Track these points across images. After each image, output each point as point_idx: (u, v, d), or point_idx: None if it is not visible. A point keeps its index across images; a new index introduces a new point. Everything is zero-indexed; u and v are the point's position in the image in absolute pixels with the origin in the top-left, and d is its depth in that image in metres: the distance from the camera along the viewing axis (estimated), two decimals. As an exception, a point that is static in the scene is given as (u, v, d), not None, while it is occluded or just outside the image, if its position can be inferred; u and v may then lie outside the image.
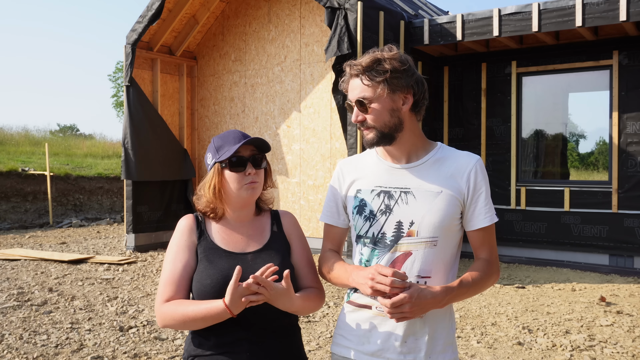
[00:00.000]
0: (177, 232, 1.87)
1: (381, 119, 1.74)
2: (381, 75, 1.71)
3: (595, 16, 6.83)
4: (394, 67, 1.71)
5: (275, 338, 1.80)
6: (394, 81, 1.72)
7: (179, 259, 1.81)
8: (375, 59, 1.72)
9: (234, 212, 1.87)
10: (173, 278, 1.79)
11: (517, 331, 4.93)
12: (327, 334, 4.83)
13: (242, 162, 1.80)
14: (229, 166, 1.80)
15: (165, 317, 1.75)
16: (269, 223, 1.94)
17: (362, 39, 7.19)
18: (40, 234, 11.49)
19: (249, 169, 1.80)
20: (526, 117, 8.76)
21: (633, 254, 7.62)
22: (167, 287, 1.78)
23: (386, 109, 1.73)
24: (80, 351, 4.35)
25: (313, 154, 8.72)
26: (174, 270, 1.80)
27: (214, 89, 10.03)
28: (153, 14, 8.80)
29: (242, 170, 1.80)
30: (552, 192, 8.25)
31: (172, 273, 1.80)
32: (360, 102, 1.74)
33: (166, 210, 9.53)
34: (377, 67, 1.71)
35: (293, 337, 1.89)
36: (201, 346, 1.79)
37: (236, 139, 1.81)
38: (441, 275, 1.76)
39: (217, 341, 1.77)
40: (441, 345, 1.77)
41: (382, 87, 1.71)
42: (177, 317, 1.73)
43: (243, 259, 1.82)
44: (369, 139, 1.77)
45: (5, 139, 19.21)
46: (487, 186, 1.80)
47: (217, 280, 1.74)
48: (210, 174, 1.84)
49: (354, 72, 1.75)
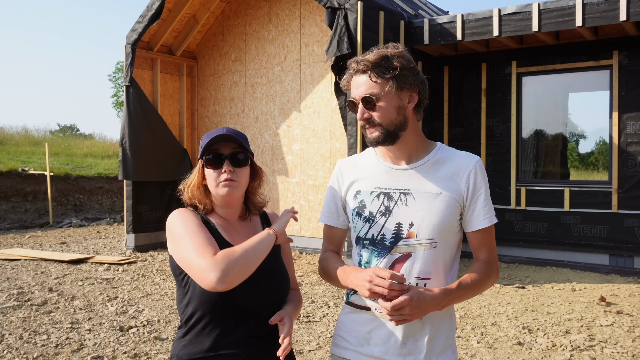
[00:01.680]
0: (186, 217, 1.74)
1: (388, 117, 1.71)
2: (390, 72, 1.69)
3: (595, 16, 6.83)
4: (403, 64, 1.70)
5: (267, 339, 1.79)
6: (402, 79, 1.70)
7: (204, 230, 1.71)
8: (383, 55, 1.70)
9: (220, 209, 1.84)
10: (210, 240, 1.66)
11: (517, 331, 4.93)
12: (327, 334, 4.83)
13: (219, 159, 1.77)
14: (206, 163, 1.78)
15: (227, 266, 1.58)
16: (259, 222, 1.94)
17: (362, 39, 7.19)
18: (40, 234, 11.50)
19: (226, 167, 1.76)
20: (526, 117, 8.76)
21: (633, 254, 7.62)
22: (208, 247, 1.63)
23: (393, 106, 1.71)
24: (80, 351, 4.35)
25: (313, 154, 8.72)
26: (206, 235, 1.67)
27: (214, 89, 10.03)
28: (153, 14, 8.80)
29: (218, 168, 1.76)
30: (552, 192, 8.25)
31: (206, 237, 1.66)
32: (368, 98, 1.70)
33: (166, 210, 9.52)
34: (386, 63, 1.69)
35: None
36: (195, 349, 1.72)
37: (218, 136, 1.76)
38: (441, 276, 1.76)
39: (213, 344, 1.71)
40: (441, 346, 1.77)
41: (390, 84, 1.69)
42: (236, 257, 1.59)
43: None
44: (373, 137, 1.74)
45: (5, 138, 19.21)
46: (486, 187, 1.79)
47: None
48: (194, 170, 1.83)
49: (361, 68, 1.72)
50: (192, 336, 1.74)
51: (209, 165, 1.77)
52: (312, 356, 4.31)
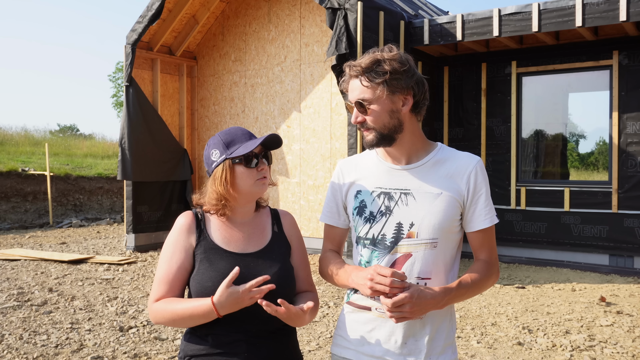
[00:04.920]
0: (175, 230, 1.87)
1: (380, 121, 1.73)
2: (380, 77, 1.69)
3: (595, 16, 6.83)
4: (394, 68, 1.70)
5: (272, 339, 1.80)
6: (394, 82, 1.70)
7: (175, 260, 1.82)
8: (375, 59, 1.71)
9: (241, 207, 1.88)
10: (167, 278, 1.81)
11: (517, 331, 4.93)
12: (327, 334, 4.83)
13: (255, 158, 1.84)
14: (244, 162, 1.82)
15: (156, 314, 1.78)
16: (269, 222, 1.94)
17: (362, 39, 7.19)
18: (40, 234, 11.50)
19: (262, 165, 1.84)
20: (526, 117, 8.76)
21: (633, 254, 7.62)
22: (161, 286, 1.81)
23: (385, 110, 1.72)
24: (80, 351, 4.35)
25: (313, 154, 8.72)
26: (169, 270, 1.81)
27: (214, 89, 10.03)
28: (153, 14, 8.80)
29: (255, 166, 1.83)
30: (552, 192, 8.25)
31: (166, 273, 1.81)
32: (360, 103, 1.73)
33: (166, 210, 9.53)
34: (377, 68, 1.70)
35: (289, 338, 1.88)
36: (197, 346, 1.79)
37: (245, 135, 1.85)
38: (441, 276, 1.76)
39: (214, 341, 1.77)
40: (441, 346, 1.77)
41: (381, 88, 1.70)
42: (166, 315, 1.76)
43: (244, 260, 1.81)
44: (368, 140, 1.76)
45: (5, 139, 19.21)
46: (487, 187, 1.80)
47: (218, 283, 1.73)
48: (219, 170, 1.83)
49: (354, 73, 1.74)
50: (196, 333, 1.81)
51: (246, 164, 1.82)
52: (312, 356, 4.31)
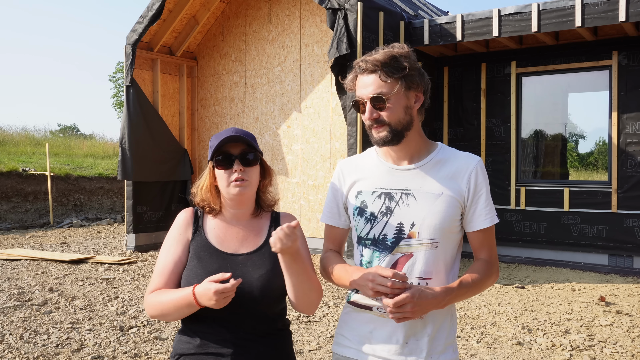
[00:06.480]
0: (175, 225, 1.90)
1: (396, 116, 1.72)
2: (400, 72, 1.70)
3: (595, 16, 6.84)
4: (411, 64, 1.71)
5: (262, 343, 1.79)
6: (410, 78, 1.71)
7: (171, 253, 1.84)
8: (391, 55, 1.70)
9: (230, 209, 1.87)
10: (163, 270, 1.82)
11: (517, 331, 4.94)
12: (327, 334, 4.84)
13: (229, 159, 1.80)
14: (216, 164, 1.81)
15: (148, 306, 1.80)
16: (267, 224, 1.92)
17: (362, 39, 7.20)
18: (41, 234, 11.50)
19: (236, 167, 1.79)
20: (526, 118, 8.77)
21: (632, 254, 7.63)
22: (157, 278, 1.82)
23: (401, 106, 1.72)
24: (80, 351, 4.36)
25: (313, 154, 8.73)
26: (165, 263, 1.83)
27: (214, 89, 10.04)
28: (153, 14, 8.81)
29: (229, 168, 1.80)
30: (551, 192, 8.26)
31: (163, 265, 1.83)
32: (378, 98, 1.70)
33: (166, 210, 9.54)
34: (395, 63, 1.70)
35: (282, 342, 1.87)
36: (187, 345, 1.80)
37: (228, 137, 1.81)
38: (442, 276, 1.77)
39: (203, 341, 1.77)
40: (442, 345, 1.78)
41: (400, 83, 1.70)
42: (155, 305, 1.77)
43: (234, 261, 1.81)
44: (381, 137, 1.73)
45: (5, 139, 19.21)
46: (487, 188, 1.80)
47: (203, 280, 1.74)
48: (205, 172, 1.87)
49: (370, 67, 1.71)
50: (186, 332, 1.82)
51: (219, 166, 1.81)
52: (312, 356, 4.32)
